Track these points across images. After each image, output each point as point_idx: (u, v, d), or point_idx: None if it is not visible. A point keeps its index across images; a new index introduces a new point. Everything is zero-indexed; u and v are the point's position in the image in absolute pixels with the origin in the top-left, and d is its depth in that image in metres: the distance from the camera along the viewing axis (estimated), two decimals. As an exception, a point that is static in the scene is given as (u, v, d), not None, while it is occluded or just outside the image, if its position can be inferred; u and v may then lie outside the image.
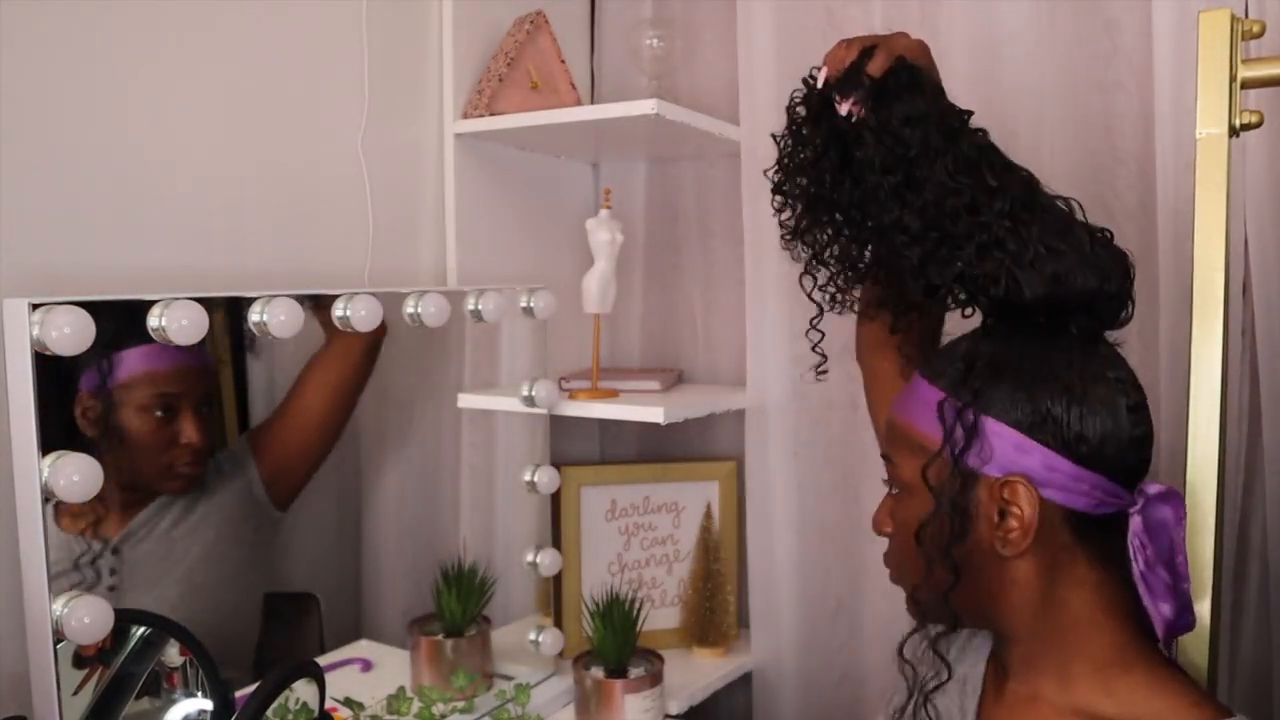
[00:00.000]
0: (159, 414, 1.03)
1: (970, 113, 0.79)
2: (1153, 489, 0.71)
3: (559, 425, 1.45)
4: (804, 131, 0.86)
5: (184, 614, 1.00)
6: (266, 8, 1.17)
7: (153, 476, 1.05)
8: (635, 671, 1.28)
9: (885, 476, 0.81)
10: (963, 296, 0.76)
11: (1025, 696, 0.74)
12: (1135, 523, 0.70)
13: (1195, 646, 0.81)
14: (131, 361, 0.98)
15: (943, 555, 0.71)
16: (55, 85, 0.98)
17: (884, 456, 0.81)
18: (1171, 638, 0.73)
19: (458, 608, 1.32)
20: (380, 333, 1.22)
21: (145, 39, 1.05)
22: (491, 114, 1.37)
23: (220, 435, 1.12)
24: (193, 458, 1.07)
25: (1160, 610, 0.71)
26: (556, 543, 1.45)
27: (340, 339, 1.16)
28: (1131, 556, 0.70)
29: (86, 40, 1.00)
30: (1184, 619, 0.72)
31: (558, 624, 1.45)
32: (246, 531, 1.16)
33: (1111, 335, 0.76)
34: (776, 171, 0.89)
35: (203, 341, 0.92)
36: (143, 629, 0.93)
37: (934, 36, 1.30)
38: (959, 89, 1.26)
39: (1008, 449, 0.70)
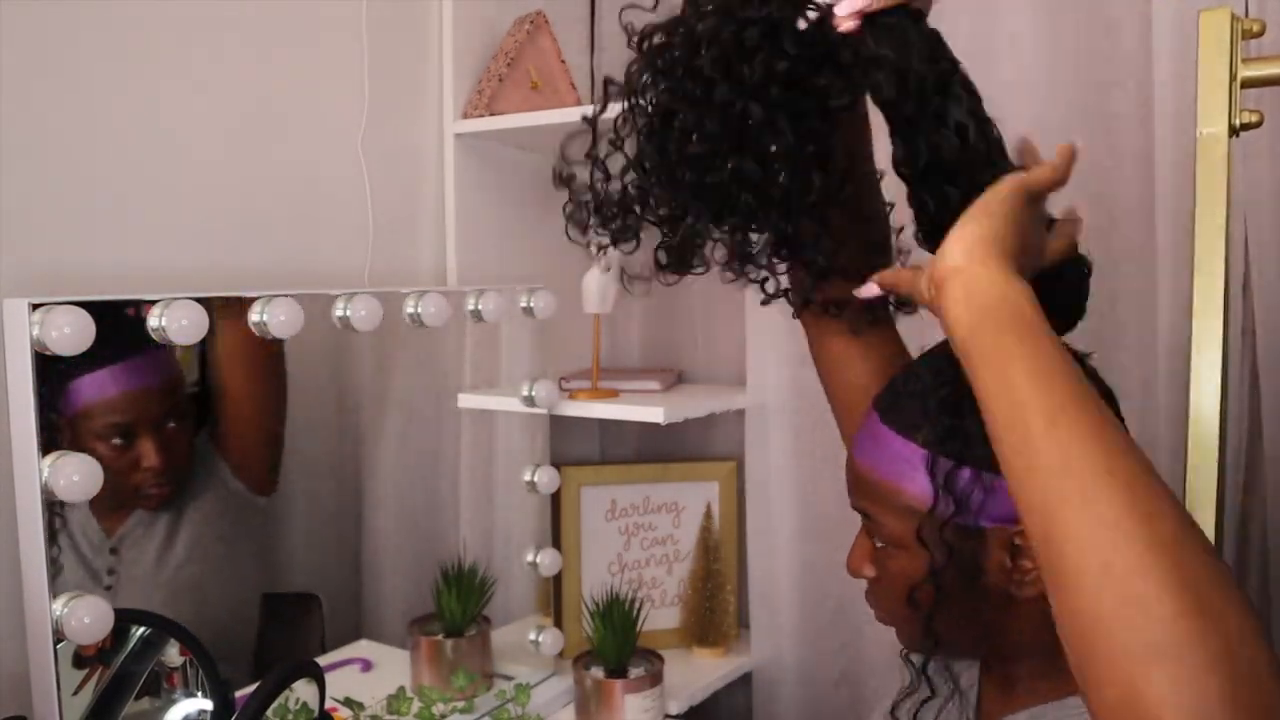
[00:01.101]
0: (116, 441, 1.00)
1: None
2: None
3: (559, 425, 1.45)
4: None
5: (177, 613, 1.00)
6: (266, 8, 1.17)
7: (126, 497, 1.03)
8: (635, 671, 1.28)
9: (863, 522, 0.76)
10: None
11: (1036, 694, 0.73)
12: None
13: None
14: (83, 391, 0.95)
15: (949, 610, 0.68)
16: (55, 85, 0.98)
17: (859, 510, 0.75)
18: None
19: (458, 608, 1.32)
20: None
21: (145, 39, 1.05)
22: (491, 114, 1.37)
23: (191, 447, 1.10)
24: (158, 479, 1.05)
25: None
26: (556, 543, 1.45)
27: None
28: None
29: (86, 40, 1.00)
30: None
31: (558, 624, 1.45)
32: (227, 525, 1.16)
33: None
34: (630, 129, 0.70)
35: (164, 356, 0.89)
36: (143, 629, 0.93)
37: (934, 36, 1.30)
38: (959, 89, 1.27)
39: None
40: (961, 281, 0.58)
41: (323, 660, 1.22)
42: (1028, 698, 0.73)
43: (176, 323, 0.90)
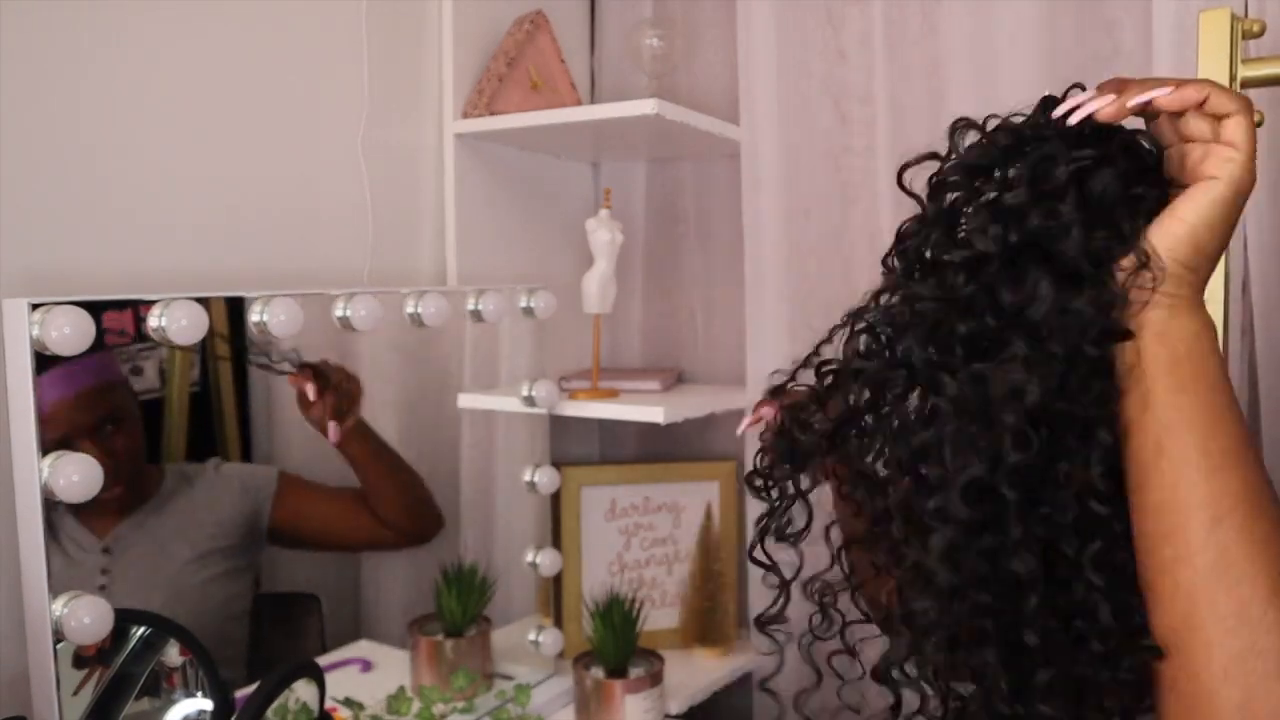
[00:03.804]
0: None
1: None
2: None
3: (559, 425, 1.45)
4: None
5: (173, 613, 1.00)
6: (266, 8, 1.17)
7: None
8: (635, 672, 1.27)
9: None
10: None
11: None
12: None
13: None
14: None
15: None
16: (55, 85, 0.98)
17: None
18: None
19: (458, 608, 1.32)
20: (430, 532, 1.35)
21: (145, 39, 1.05)
22: (491, 114, 1.37)
23: (142, 444, 1.05)
24: (104, 483, 0.98)
25: None
26: (556, 543, 1.45)
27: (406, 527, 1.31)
28: None
29: (86, 40, 1.00)
30: None
31: (558, 624, 1.45)
32: (240, 540, 1.16)
33: None
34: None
35: (94, 360, 0.86)
36: (143, 629, 0.93)
37: (934, 36, 1.30)
38: (960, 91, 1.27)
39: None
40: (1168, 305, 0.50)
41: (323, 660, 1.22)
42: None
43: (176, 323, 0.90)
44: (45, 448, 0.89)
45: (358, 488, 1.27)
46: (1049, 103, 0.55)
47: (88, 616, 0.83)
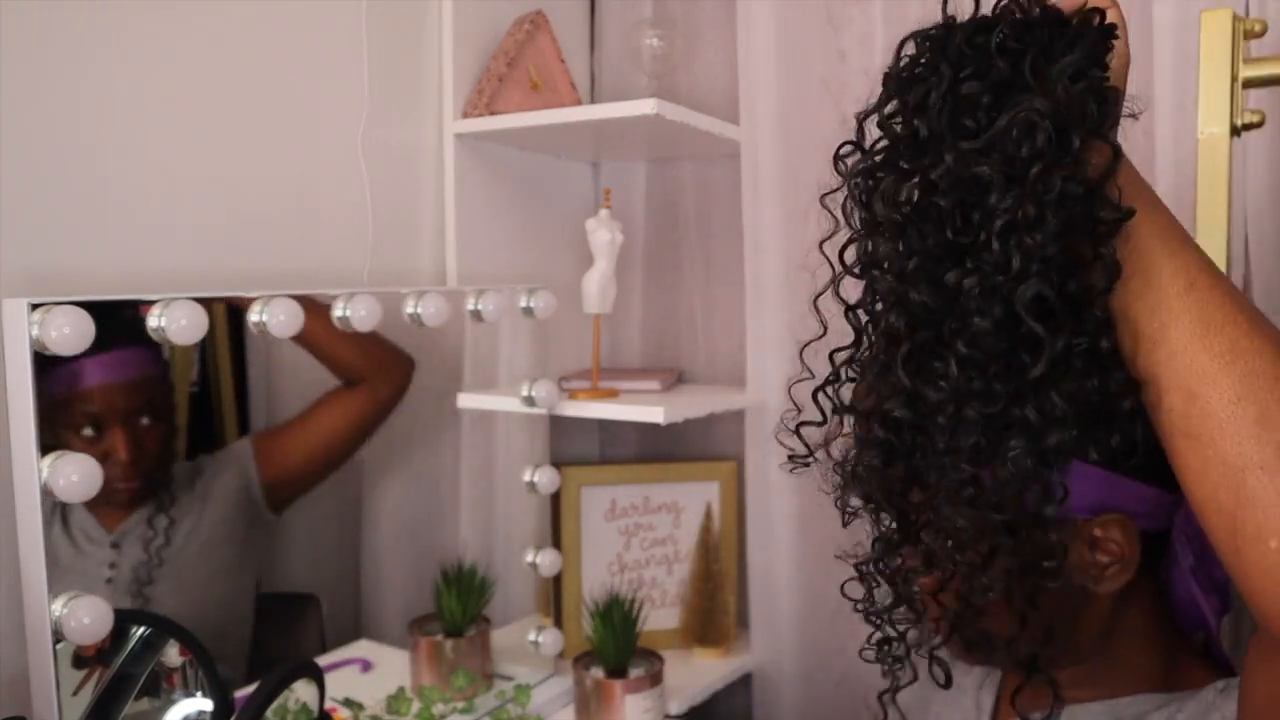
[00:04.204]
0: (87, 432, 0.98)
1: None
2: None
3: (559, 425, 1.45)
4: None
5: (178, 610, 1.00)
6: (266, 8, 1.17)
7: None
8: (635, 672, 1.27)
9: None
10: None
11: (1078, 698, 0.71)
12: (1179, 517, 0.67)
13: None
14: (59, 380, 0.92)
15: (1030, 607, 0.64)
16: (55, 86, 0.98)
17: None
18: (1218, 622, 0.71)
19: (458, 608, 1.32)
20: (404, 377, 1.30)
21: (145, 39, 1.05)
22: (491, 114, 1.37)
23: (170, 444, 1.08)
24: (126, 473, 1.02)
25: (1211, 603, 0.68)
26: (556, 543, 1.45)
27: (375, 375, 1.25)
28: (1179, 553, 0.67)
29: (86, 40, 1.00)
30: (1226, 603, 0.71)
31: (558, 624, 1.45)
32: (239, 528, 1.16)
33: None
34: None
35: (146, 352, 0.88)
36: (142, 629, 0.93)
37: (934, 36, 1.30)
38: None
39: (1096, 488, 0.63)
40: None
41: (323, 660, 1.22)
42: (1075, 695, 0.71)
43: (176, 323, 0.90)
44: (78, 423, 0.92)
45: (322, 395, 1.25)
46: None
47: (87, 616, 0.83)
